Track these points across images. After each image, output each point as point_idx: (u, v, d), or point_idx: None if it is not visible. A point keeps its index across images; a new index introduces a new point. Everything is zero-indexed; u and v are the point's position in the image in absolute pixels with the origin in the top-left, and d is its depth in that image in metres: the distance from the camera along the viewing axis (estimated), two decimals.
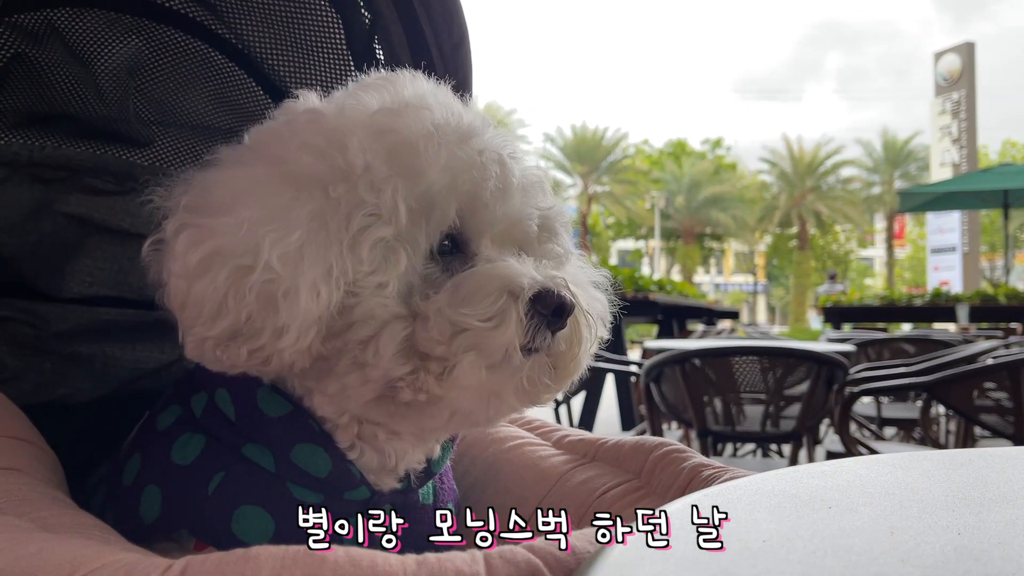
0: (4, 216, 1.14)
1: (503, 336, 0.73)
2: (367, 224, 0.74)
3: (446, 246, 0.80)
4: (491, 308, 0.73)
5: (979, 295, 11.73)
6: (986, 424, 2.86)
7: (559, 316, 0.75)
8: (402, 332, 0.74)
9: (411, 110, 0.79)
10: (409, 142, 0.77)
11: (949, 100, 28.41)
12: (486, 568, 0.52)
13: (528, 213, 0.84)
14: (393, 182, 0.75)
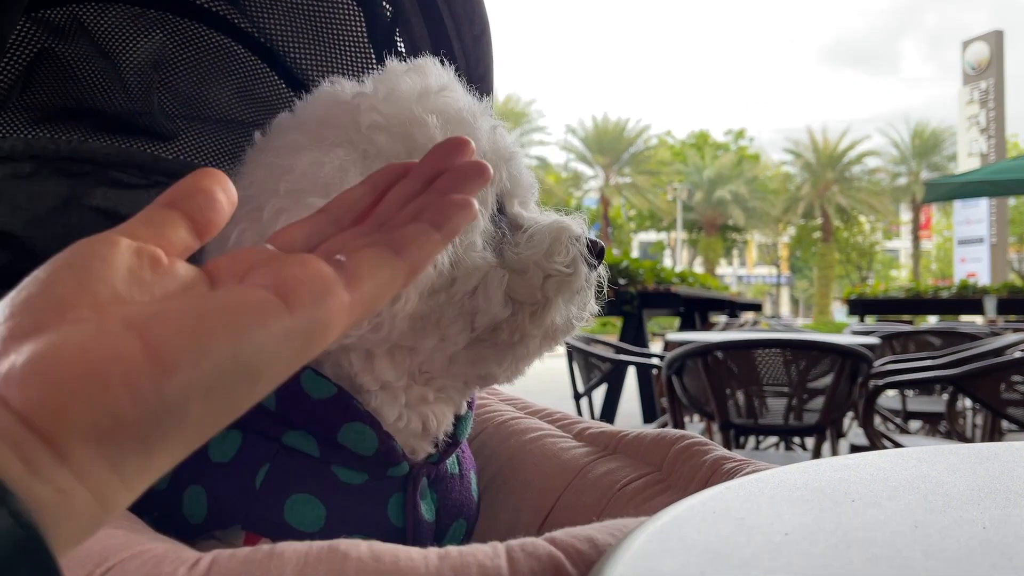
0: (32, 210, 1.16)
1: (579, 278, 0.87)
2: None
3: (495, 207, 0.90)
4: (568, 256, 0.86)
5: (1007, 287, 11.60)
6: (1013, 418, 2.83)
7: (600, 257, 0.90)
8: (503, 278, 0.85)
9: (449, 90, 0.88)
10: (462, 117, 0.86)
11: (977, 89, 28.01)
12: (508, 561, 0.52)
13: (530, 182, 0.95)
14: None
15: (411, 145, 0.82)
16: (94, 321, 0.38)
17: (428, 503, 0.90)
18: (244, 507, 0.80)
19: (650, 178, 43.08)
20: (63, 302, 0.39)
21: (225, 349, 0.39)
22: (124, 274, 0.41)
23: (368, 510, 0.84)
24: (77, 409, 0.35)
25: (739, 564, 0.40)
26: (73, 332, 0.37)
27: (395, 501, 0.85)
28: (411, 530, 0.86)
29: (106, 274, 0.41)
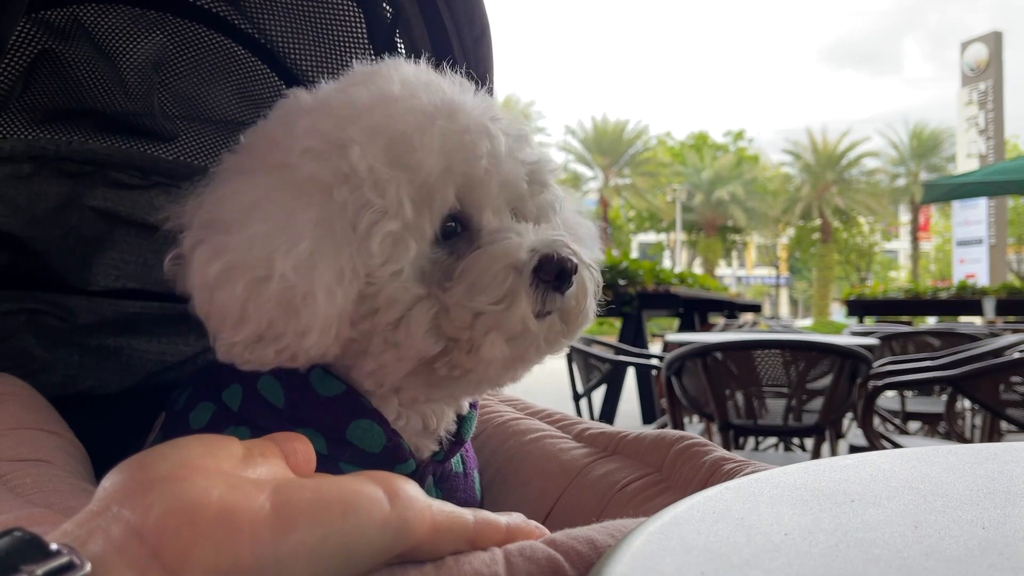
0: (32, 210, 1.16)
1: (517, 313, 0.77)
2: (375, 220, 0.77)
3: (451, 227, 0.83)
4: (501, 290, 0.77)
5: (1006, 288, 11.61)
6: (1012, 418, 2.83)
7: (562, 280, 0.80)
8: (429, 312, 0.78)
9: (401, 102, 0.81)
10: (404, 136, 0.79)
11: (976, 90, 28.01)
12: (506, 568, 0.51)
13: (517, 174, 0.87)
14: (395, 179, 0.78)
15: (336, 170, 0.78)
16: (224, 479, 0.45)
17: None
18: None
19: (649, 179, 43.07)
20: (193, 462, 0.46)
21: (336, 522, 0.45)
22: (241, 453, 0.50)
23: None
24: (204, 548, 0.41)
25: (739, 564, 0.40)
26: (208, 484, 0.44)
27: None
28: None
29: (228, 450, 0.49)
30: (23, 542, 0.38)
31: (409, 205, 0.78)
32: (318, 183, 0.78)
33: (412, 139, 0.79)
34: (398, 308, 0.78)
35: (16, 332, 1.16)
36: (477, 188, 0.83)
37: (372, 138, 0.79)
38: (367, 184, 0.77)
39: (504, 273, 0.78)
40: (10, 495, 0.75)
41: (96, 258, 1.21)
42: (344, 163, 0.78)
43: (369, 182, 0.77)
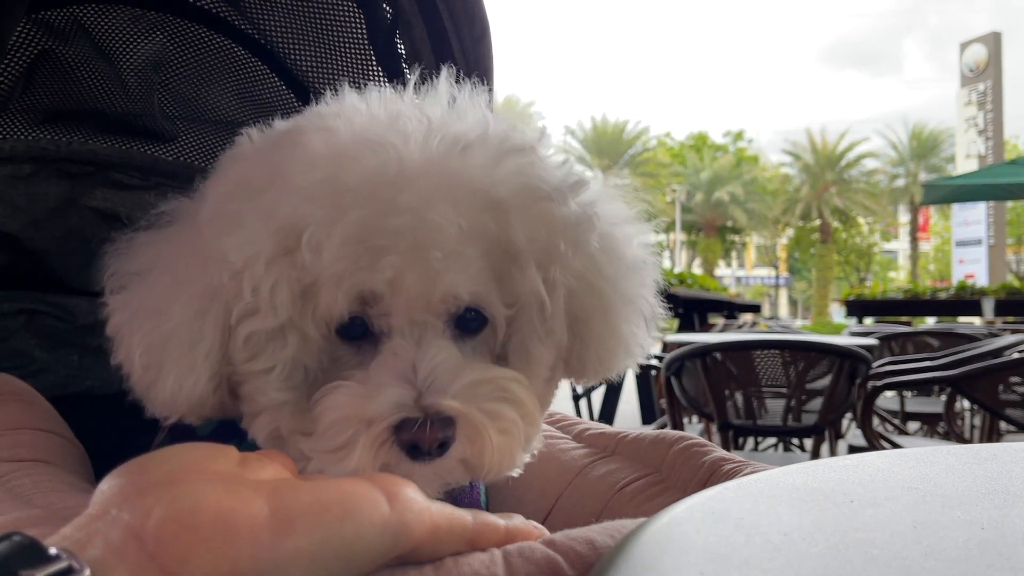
0: (32, 210, 1.16)
1: (347, 467, 0.66)
2: (244, 314, 0.70)
3: (358, 327, 0.73)
4: (335, 440, 0.67)
5: (1005, 288, 11.62)
6: (1011, 419, 2.83)
7: (417, 452, 0.67)
8: (273, 423, 0.71)
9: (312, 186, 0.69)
10: (297, 228, 0.68)
11: (975, 91, 28.03)
12: (505, 568, 0.51)
13: (459, 283, 0.71)
14: (274, 275, 0.69)
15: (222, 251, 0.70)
16: (222, 483, 0.45)
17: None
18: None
19: (649, 180, 43.07)
20: (192, 466, 0.47)
21: (335, 523, 0.45)
22: (239, 459, 0.50)
23: None
24: (203, 553, 0.41)
25: (738, 564, 0.40)
26: (207, 488, 0.44)
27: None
28: None
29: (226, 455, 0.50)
30: (22, 546, 0.38)
31: (288, 304, 0.69)
32: (210, 257, 0.71)
33: (302, 234, 0.68)
34: (253, 407, 0.73)
35: (16, 333, 1.16)
36: (380, 301, 0.71)
37: (264, 222, 0.69)
38: (244, 275, 0.69)
39: (344, 423, 0.67)
40: (9, 496, 0.75)
41: (96, 259, 1.21)
42: (228, 248, 0.69)
43: (247, 274, 0.69)
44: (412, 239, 0.68)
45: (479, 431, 0.69)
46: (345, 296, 0.69)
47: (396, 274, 0.68)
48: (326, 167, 0.69)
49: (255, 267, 0.68)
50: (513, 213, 0.72)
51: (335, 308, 0.70)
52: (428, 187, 0.69)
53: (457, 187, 0.70)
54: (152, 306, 0.73)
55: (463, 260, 0.71)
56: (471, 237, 0.71)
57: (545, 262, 0.75)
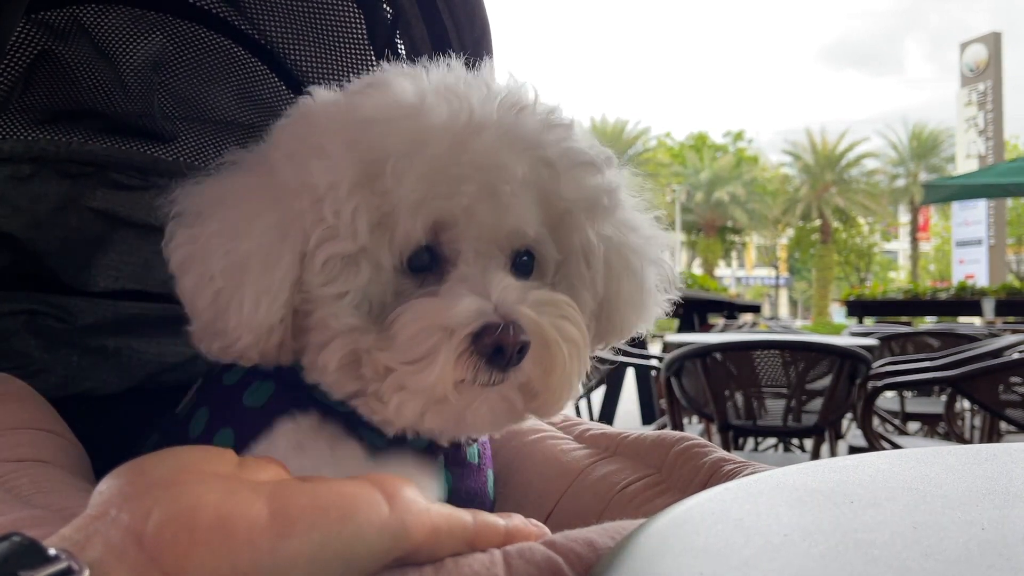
0: (32, 211, 1.16)
1: (429, 377, 0.69)
2: (325, 238, 0.74)
3: (424, 259, 0.77)
4: (418, 349, 0.70)
5: (1005, 288, 11.62)
6: (1012, 419, 2.83)
7: (500, 355, 0.70)
8: (348, 347, 0.73)
9: (396, 120, 0.75)
10: (379, 159, 0.73)
11: (975, 91, 28.04)
12: (505, 569, 0.51)
13: (523, 219, 0.78)
14: (356, 200, 0.73)
15: (304, 180, 0.75)
16: (222, 484, 0.45)
17: (441, 481, 0.90)
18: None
19: (649, 180, 43.01)
20: (191, 467, 0.47)
21: (334, 525, 0.45)
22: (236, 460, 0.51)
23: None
24: (202, 555, 0.41)
25: (738, 565, 0.40)
26: (206, 489, 0.44)
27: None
28: None
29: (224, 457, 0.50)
30: (21, 547, 0.38)
31: (367, 230, 0.73)
32: (287, 189, 0.75)
33: (385, 163, 0.73)
34: (325, 334, 0.74)
35: (16, 333, 1.16)
36: (454, 227, 0.76)
37: (347, 152, 0.74)
38: (326, 201, 0.73)
39: (427, 332, 0.70)
40: (8, 496, 0.75)
41: (96, 259, 1.22)
42: (309, 175, 0.74)
43: (329, 199, 0.73)
44: (485, 176, 0.75)
45: (550, 343, 0.73)
46: (423, 222, 0.74)
47: (470, 203, 0.74)
48: (409, 107, 0.76)
49: (338, 192, 0.73)
50: (561, 172, 0.80)
51: (412, 234, 0.74)
52: (494, 135, 0.76)
53: (517, 140, 0.77)
54: (227, 234, 0.75)
55: (526, 202, 0.78)
56: (529, 185, 0.78)
57: (589, 219, 0.83)
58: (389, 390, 0.71)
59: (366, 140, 0.74)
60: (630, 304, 0.89)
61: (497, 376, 0.71)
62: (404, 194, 0.73)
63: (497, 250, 0.78)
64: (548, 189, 0.80)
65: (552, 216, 0.82)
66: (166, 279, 0.81)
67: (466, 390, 0.71)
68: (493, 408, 0.75)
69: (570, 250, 0.83)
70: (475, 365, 0.70)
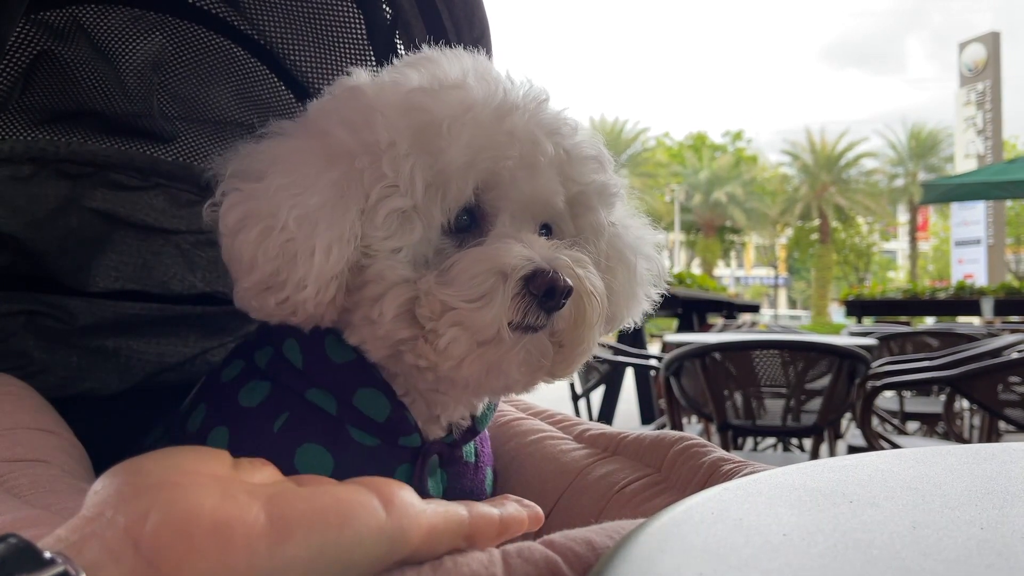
0: (32, 211, 1.16)
1: (487, 315, 0.76)
2: (385, 195, 0.79)
3: (464, 221, 0.83)
4: (477, 288, 0.76)
5: (1004, 288, 11.62)
6: (1011, 418, 2.83)
7: (551, 297, 0.77)
8: (405, 295, 0.78)
9: (446, 90, 0.82)
10: (434, 122, 0.80)
11: (974, 91, 28.04)
12: (504, 569, 0.51)
13: (552, 190, 0.87)
14: (412, 159, 0.79)
15: (361, 140, 0.80)
16: (219, 487, 0.45)
17: (436, 482, 0.91)
18: (259, 448, 0.82)
19: (647, 180, 43.06)
20: (188, 468, 0.47)
21: (332, 531, 0.45)
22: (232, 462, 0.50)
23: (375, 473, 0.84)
24: (199, 560, 0.41)
25: (737, 565, 0.40)
26: (202, 492, 0.44)
27: (403, 471, 0.87)
28: None
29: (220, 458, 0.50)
30: (17, 549, 0.38)
31: (422, 188, 0.79)
32: (344, 150, 0.80)
33: (440, 125, 0.80)
34: (382, 285, 0.79)
35: (15, 333, 1.16)
36: (498, 188, 0.83)
37: (403, 115, 0.80)
38: (386, 158, 0.79)
39: (486, 274, 0.76)
40: (7, 496, 0.75)
41: (95, 259, 1.21)
42: (370, 134, 0.80)
43: (388, 156, 0.79)
44: (522, 147, 0.82)
45: (583, 293, 0.81)
46: (472, 182, 0.81)
47: (512, 169, 0.82)
48: (455, 80, 0.83)
49: (396, 150, 0.79)
50: (575, 160, 0.88)
51: (462, 193, 0.81)
52: (525, 116, 0.84)
53: (542, 124, 0.85)
54: (294, 189, 0.78)
55: (554, 177, 0.87)
56: (553, 165, 0.86)
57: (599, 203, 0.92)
58: (445, 325, 0.76)
59: (420, 105, 0.81)
60: (623, 294, 0.94)
61: (542, 319, 0.78)
62: (456, 155, 0.80)
63: (529, 217, 0.86)
64: (565, 173, 0.88)
65: (568, 197, 0.90)
66: (166, 279, 0.82)
67: (507, 337, 0.77)
68: (528, 357, 0.80)
69: (581, 230, 0.91)
70: (526, 306, 0.77)
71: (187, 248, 1.30)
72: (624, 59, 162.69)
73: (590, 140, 0.91)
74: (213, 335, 1.33)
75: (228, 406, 0.88)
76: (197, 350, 1.30)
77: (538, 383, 0.87)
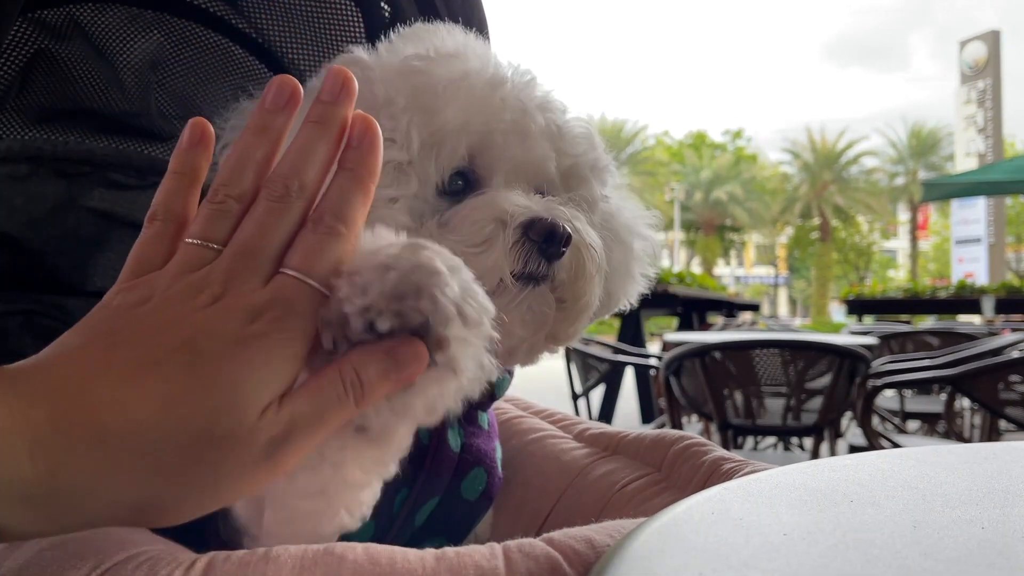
0: (28, 211, 1.15)
1: (488, 260, 0.75)
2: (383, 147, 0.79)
3: (458, 184, 0.84)
4: (478, 235, 0.76)
5: (1004, 287, 11.62)
6: (1011, 417, 2.83)
7: (551, 242, 0.76)
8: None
9: (443, 57, 0.85)
10: (431, 83, 0.82)
11: (975, 89, 28.05)
12: (505, 562, 0.52)
13: (544, 156, 0.87)
14: (409, 115, 0.81)
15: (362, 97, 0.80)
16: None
17: (455, 434, 0.91)
18: None
19: (647, 178, 43.07)
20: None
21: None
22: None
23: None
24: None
25: (737, 565, 0.40)
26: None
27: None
28: (433, 450, 0.87)
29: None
30: None
31: (417, 142, 0.81)
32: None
33: (436, 87, 0.81)
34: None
35: (13, 333, 1.15)
36: (490, 151, 0.84)
37: (400, 77, 0.83)
38: (383, 112, 0.80)
39: (486, 221, 0.76)
40: None
41: (93, 259, 1.21)
42: (368, 92, 0.81)
43: (386, 111, 0.80)
44: (514, 115, 0.84)
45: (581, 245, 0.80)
46: (465, 143, 0.82)
47: (505, 133, 0.83)
48: (449, 50, 0.86)
49: (393, 106, 0.81)
50: (566, 136, 0.89)
51: (456, 152, 0.82)
52: (516, 88, 0.86)
53: (532, 97, 0.87)
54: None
55: (546, 145, 0.87)
56: (544, 135, 0.87)
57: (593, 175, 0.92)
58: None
59: (417, 69, 0.83)
60: (619, 272, 0.94)
61: (543, 267, 0.77)
62: (451, 116, 0.81)
63: (523, 181, 0.86)
64: (557, 146, 0.89)
65: (561, 169, 0.90)
66: None
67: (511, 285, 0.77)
68: (531, 314, 0.79)
69: (575, 202, 0.89)
70: (527, 254, 0.76)
71: None
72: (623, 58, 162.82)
73: (580, 120, 0.93)
74: None
75: None
76: None
77: (541, 350, 0.86)
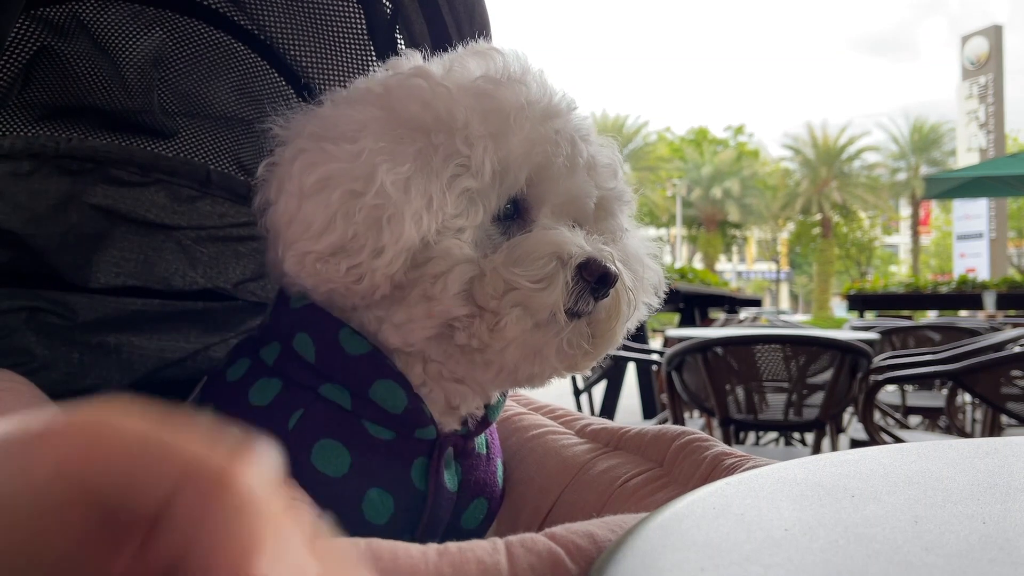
0: (32, 208, 1.16)
1: (549, 297, 0.79)
2: (458, 173, 0.82)
3: (509, 210, 0.86)
4: (541, 271, 0.79)
5: (1006, 282, 11.59)
6: (1013, 412, 2.83)
7: (603, 284, 0.81)
8: (468, 274, 0.80)
9: (509, 83, 0.85)
10: (502, 109, 0.83)
11: (976, 84, 27.98)
12: (507, 557, 0.52)
13: (588, 191, 0.91)
14: (484, 141, 0.82)
15: (437, 116, 0.82)
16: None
17: (452, 473, 0.92)
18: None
19: (649, 174, 43.01)
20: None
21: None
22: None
23: (393, 467, 0.86)
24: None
25: (739, 560, 0.40)
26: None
27: (419, 464, 0.87)
28: (432, 495, 0.88)
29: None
30: None
31: (489, 171, 0.82)
32: (419, 123, 0.82)
33: (508, 114, 0.83)
34: (447, 262, 0.80)
35: (17, 330, 1.16)
36: (545, 183, 0.87)
37: (474, 99, 0.83)
38: (459, 136, 0.81)
39: (550, 257, 0.80)
40: None
41: (96, 255, 1.21)
42: (444, 110, 0.82)
43: (462, 135, 0.82)
44: (568, 147, 0.87)
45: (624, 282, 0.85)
46: (526, 173, 0.85)
47: (560, 165, 0.86)
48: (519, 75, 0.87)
49: (471, 129, 0.82)
50: (598, 167, 0.92)
51: (519, 181, 0.85)
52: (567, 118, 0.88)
53: (578, 129, 0.90)
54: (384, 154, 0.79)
55: (589, 180, 0.91)
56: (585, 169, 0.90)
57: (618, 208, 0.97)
58: (507, 305, 0.79)
59: (488, 92, 0.84)
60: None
61: (591, 306, 0.82)
62: (516, 145, 0.83)
63: (566, 214, 0.90)
64: (593, 179, 0.92)
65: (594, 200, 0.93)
66: (167, 275, 0.81)
67: (562, 321, 0.81)
68: (568, 345, 0.84)
69: (602, 233, 0.94)
70: (579, 292, 0.81)
71: (188, 244, 1.30)
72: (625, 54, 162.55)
73: (605, 148, 0.95)
74: (214, 331, 1.33)
75: (238, 406, 0.87)
76: (199, 346, 1.30)
77: (562, 375, 0.90)
